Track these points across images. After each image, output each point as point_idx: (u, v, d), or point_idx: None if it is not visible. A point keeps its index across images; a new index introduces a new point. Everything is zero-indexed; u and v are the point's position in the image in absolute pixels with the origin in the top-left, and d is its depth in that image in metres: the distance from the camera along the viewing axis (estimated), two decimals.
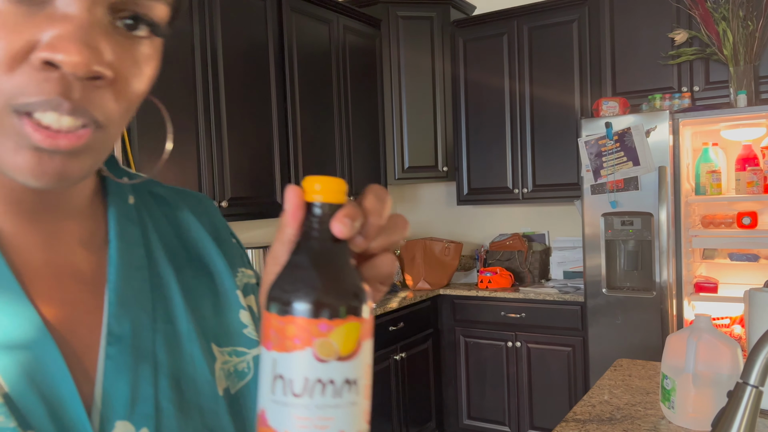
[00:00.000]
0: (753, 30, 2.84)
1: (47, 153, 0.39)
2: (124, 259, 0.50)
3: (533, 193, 3.60)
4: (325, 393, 0.37)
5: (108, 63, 0.39)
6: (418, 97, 3.75)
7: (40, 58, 0.37)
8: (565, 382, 3.29)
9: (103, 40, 0.39)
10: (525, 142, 3.60)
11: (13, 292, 0.43)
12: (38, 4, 0.37)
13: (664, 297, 2.90)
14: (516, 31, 3.59)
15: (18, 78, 0.37)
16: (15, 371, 0.41)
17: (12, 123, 0.38)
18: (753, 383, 0.76)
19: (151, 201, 0.57)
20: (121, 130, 0.44)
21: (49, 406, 0.42)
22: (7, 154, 0.39)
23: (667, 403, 1.35)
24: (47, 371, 0.42)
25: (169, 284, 0.52)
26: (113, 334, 0.46)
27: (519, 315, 3.39)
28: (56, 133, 0.38)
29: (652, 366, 1.80)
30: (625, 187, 2.96)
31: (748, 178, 2.87)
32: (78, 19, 0.38)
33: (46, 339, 0.43)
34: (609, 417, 1.42)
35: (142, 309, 0.49)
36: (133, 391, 0.46)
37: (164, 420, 0.46)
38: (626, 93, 3.22)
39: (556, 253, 3.71)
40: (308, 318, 0.37)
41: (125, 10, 0.40)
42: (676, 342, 1.35)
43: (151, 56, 0.44)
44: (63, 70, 0.37)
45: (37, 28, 0.37)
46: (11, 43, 0.37)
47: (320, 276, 0.38)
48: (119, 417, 0.44)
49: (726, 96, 2.99)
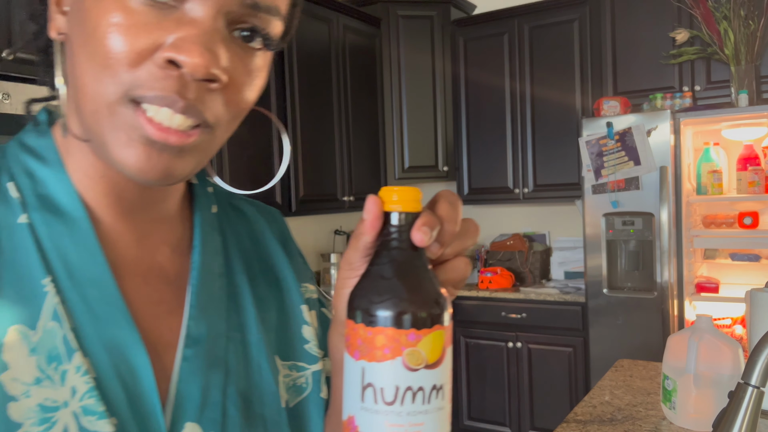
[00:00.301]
0: (754, 29, 2.83)
1: (157, 148, 0.41)
2: (205, 265, 0.52)
3: (534, 192, 3.59)
4: (415, 400, 0.39)
5: (224, 68, 0.41)
6: (419, 97, 3.74)
7: (164, 57, 0.39)
8: (565, 383, 3.28)
9: (222, 46, 0.41)
10: (526, 141, 3.59)
11: (108, 285, 0.46)
12: (168, 9, 0.40)
13: (665, 297, 2.89)
14: (517, 30, 3.59)
15: (139, 73, 0.40)
16: (104, 359, 0.44)
17: (127, 113, 0.41)
18: (754, 384, 0.75)
19: (231, 212, 0.60)
20: (227, 136, 0.46)
21: (130, 397, 0.44)
22: (118, 146, 0.41)
23: (668, 403, 1.35)
24: (132, 363, 0.45)
25: (243, 294, 0.54)
26: (191, 337, 0.49)
27: (520, 315, 3.38)
28: (167, 128, 0.41)
29: (653, 366, 1.79)
30: (626, 187, 2.95)
31: (749, 178, 2.86)
32: (202, 25, 0.40)
33: (133, 333, 0.45)
34: (610, 418, 1.41)
35: (218, 315, 0.51)
36: (204, 395, 0.48)
37: (230, 427, 0.48)
38: (627, 92, 3.21)
39: (556, 254, 3.70)
40: (397, 329, 0.38)
41: (245, 23, 0.43)
42: (677, 342, 1.35)
43: (262, 68, 0.46)
44: (182, 71, 0.40)
45: (164, 30, 0.40)
46: (140, 40, 0.39)
47: (406, 286, 0.39)
48: (189, 419, 0.46)
49: (727, 95, 2.98)
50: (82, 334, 0.44)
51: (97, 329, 0.44)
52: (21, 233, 0.45)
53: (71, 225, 0.46)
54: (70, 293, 0.45)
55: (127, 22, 0.40)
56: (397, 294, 0.39)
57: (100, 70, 0.40)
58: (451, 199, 0.43)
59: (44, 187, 0.47)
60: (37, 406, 0.41)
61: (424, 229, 0.39)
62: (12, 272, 0.44)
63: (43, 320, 0.43)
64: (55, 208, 0.47)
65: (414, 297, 0.39)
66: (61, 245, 0.46)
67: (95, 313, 0.45)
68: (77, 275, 0.45)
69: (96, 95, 0.41)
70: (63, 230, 0.46)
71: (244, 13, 0.43)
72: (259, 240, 0.60)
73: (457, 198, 0.44)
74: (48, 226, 0.46)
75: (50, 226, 0.46)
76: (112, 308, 0.45)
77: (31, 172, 0.48)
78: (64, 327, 0.43)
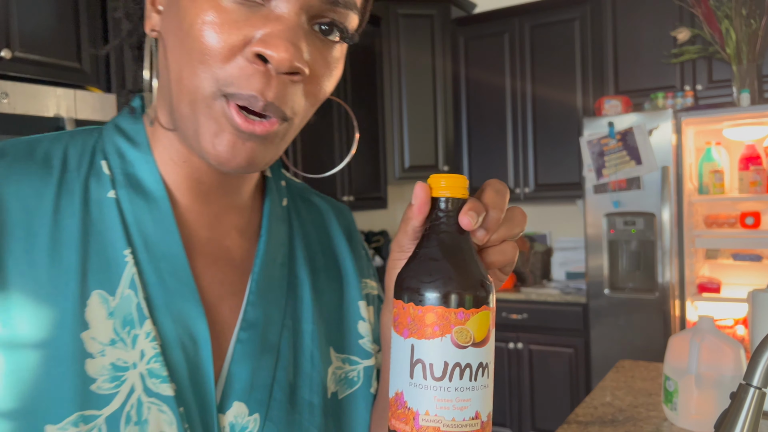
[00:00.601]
0: (756, 28, 2.82)
1: (243, 138, 0.45)
2: (269, 253, 0.56)
3: (535, 192, 3.58)
4: (463, 376, 0.40)
5: (306, 61, 0.45)
6: (419, 96, 3.74)
7: (253, 51, 0.43)
8: (567, 384, 3.27)
9: (304, 41, 0.45)
10: (526, 141, 3.58)
11: (180, 261, 0.50)
12: (256, 6, 0.44)
13: (666, 298, 2.88)
14: (517, 29, 3.58)
15: (231, 69, 0.44)
16: (170, 329, 0.48)
17: (220, 105, 0.45)
18: (756, 385, 0.74)
19: (302, 206, 0.64)
20: (303, 124, 0.50)
21: (190, 367, 0.48)
22: (208, 136, 0.45)
23: (670, 404, 1.34)
24: (194, 336, 0.49)
25: (303, 284, 0.57)
26: (247, 321, 0.52)
27: (520, 316, 3.37)
28: (252, 122, 0.45)
29: (655, 367, 1.79)
30: (627, 187, 2.94)
31: (751, 178, 2.84)
32: (287, 21, 0.44)
33: (198, 308, 0.49)
34: (611, 419, 1.40)
35: (275, 303, 0.54)
36: (253, 377, 0.51)
37: (275, 409, 0.51)
38: (628, 92, 3.20)
39: (557, 254, 3.69)
40: (447, 308, 0.40)
41: (324, 17, 0.46)
42: (678, 343, 1.34)
43: (339, 59, 0.50)
44: (269, 65, 0.44)
45: (253, 27, 0.44)
46: (231, 36, 0.43)
47: (455, 267, 0.41)
48: (237, 398, 0.50)
49: (729, 95, 2.97)
50: (153, 304, 0.48)
51: (167, 300, 0.49)
52: (108, 207, 0.50)
53: (152, 203, 0.51)
54: (146, 265, 0.49)
55: (219, 20, 0.44)
56: (447, 274, 0.41)
57: (196, 65, 0.44)
58: (498, 187, 0.45)
59: (132, 167, 0.52)
60: (110, 365, 0.46)
61: (471, 213, 0.42)
62: (98, 242, 0.48)
63: (121, 287, 0.48)
64: (140, 186, 0.51)
65: (462, 277, 0.41)
66: (142, 221, 0.50)
67: (166, 285, 0.49)
68: (153, 249, 0.50)
69: (193, 88, 0.45)
70: (144, 207, 0.50)
71: (324, 9, 0.46)
72: (327, 233, 0.63)
73: (504, 186, 0.46)
74: (132, 203, 0.50)
75: (134, 203, 0.50)
76: (181, 283, 0.50)
77: (122, 152, 0.52)
78: (138, 295, 0.48)
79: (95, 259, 0.48)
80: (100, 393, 0.45)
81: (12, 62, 1.87)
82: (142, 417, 0.45)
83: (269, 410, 0.51)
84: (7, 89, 1.81)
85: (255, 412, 0.50)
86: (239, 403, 0.50)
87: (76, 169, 0.51)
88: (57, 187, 0.49)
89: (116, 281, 0.48)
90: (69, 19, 2.06)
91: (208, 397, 0.49)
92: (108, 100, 2.11)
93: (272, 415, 0.51)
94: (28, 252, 0.46)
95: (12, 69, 1.87)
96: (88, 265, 0.47)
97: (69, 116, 1.96)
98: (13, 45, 1.88)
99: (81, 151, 0.52)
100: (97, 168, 0.51)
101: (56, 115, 1.94)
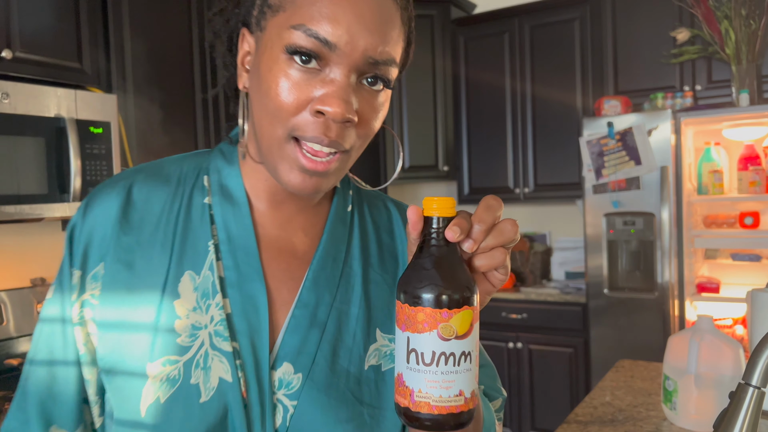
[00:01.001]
0: (755, 29, 2.82)
1: (309, 174, 0.60)
2: (327, 250, 0.70)
3: (534, 192, 3.59)
4: (447, 363, 0.51)
5: (355, 110, 0.59)
6: (419, 96, 3.74)
7: (314, 108, 0.58)
8: (566, 384, 3.27)
9: (354, 95, 0.59)
10: (526, 141, 3.59)
11: (252, 252, 0.66)
12: (315, 72, 0.58)
13: (666, 297, 2.89)
14: (517, 29, 3.58)
15: (299, 119, 0.59)
16: (237, 301, 0.64)
17: (290, 148, 0.60)
18: (755, 384, 0.75)
19: (371, 210, 0.77)
20: (358, 155, 0.65)
21: (250, 332, 0.63)
22: (283, 171, 0.61)
23: (669, 404, 1.34)
24: (256, 311, 0.64)
25: (356, 276, 0.71)
26: (301, 301, 0.66)
27: (520, 316, 3.37)
28: (316, 161, 0.59)
29: (654, 367, 1.79)
30: (627, 187, 2.95)
31: (750, 178, 2.85)
32: (339, 83, 0.58)
33: (261, 288, 0.65)
34: (611, 418, 1.41)
35: (328, 289, 0.68)
36: (302, 345, 0.65)
37: (316, 372, 0.65)
38: (628, 92, 3.21)
39: (557, 254, 3.69)
40: (433, 308, 0.51)
41: (369, 73, 0.60)
42: (678, 343, 1.34)
43: (384, 102, 0.63)
44: (327, 117, 0.58)
45: (313, 88, 0.58)
46: (299, 96, 0.58)
47: (441, 275, 0.51)
48: (286, 359, 0.64)
49: (728, 95, 2.98)
50: (227, 282, 0.64)
51: (239, 280, 0.65)
52: (203, 210, 0.67)
53: (236, 207, 0.67)
54: (226, 254, 0.65)
55: (288, 84, 0.58)
56: (434, 281, 0.51)
57: (272, 118, 0.59)
58: (489, 203, 0.56)
59: (225, 179, 0.69)
60: (191, 325, 0.63)
61: (454, 228, 0.53)
62: (192, 235, 0.66)
63: (204, 269, 0.64)
64: (228, 194, 0.68)
65: (447, 283, 0.51)
66: (227, 220, 0.67)
67: (240, 269, 0.65)
68: (234, 242, 0.66)
69: (270, 135, 0.61)
70: (230, 210, 0.67)
71: (369, 68, 0.59)
72: (390, 233, 0.77)
73: (496, 201, 0.56)
74: (221, 206, 0.67)
75: (223, 206, 0.67)
76: (251, 268, 0.65)
77: (219, 169, 0.70)
78: (214, 275, 0.64)
79: (189, 248, 0.65)
80: (182, 344, 0.62)
81: (13, 62, 1.87)
82: (207, 364, 0.62)
83: (311, 372, 0.64)
84: (7, 89, 1.81)
85: (299, 372, 0.64)
86: (287, 364, 0.64)
87: (186, 182, 0.69)
88: (172, 196, 0.68)
89: (201, 264, 0.65)
90: (70, 20, 2.06)
91: (263, 355, 0.63)
92: (108, 101, 2.11)
93: (313, 376, 0.64)
94: (150, 241, 0.65)
95: (13, 69, 1.88)
96: (184, 252, 0.65)
97: (70, 116, 1.96)
98: (13, 45, 1.88)
99: (192, 169, 0.70)
100: (200, 182, 0.69)
101: (57, 115, 1.94)
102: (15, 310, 2.10)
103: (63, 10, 2.04)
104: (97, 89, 2.14)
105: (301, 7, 0.58)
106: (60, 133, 1.94)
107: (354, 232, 0.73)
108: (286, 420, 0.63)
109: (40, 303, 2.17)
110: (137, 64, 2.30)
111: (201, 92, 2.56)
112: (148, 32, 2.34)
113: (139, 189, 0.67)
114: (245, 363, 0.62)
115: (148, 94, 2.34)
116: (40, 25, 1.96)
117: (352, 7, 0.58)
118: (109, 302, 0.64)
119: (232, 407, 0.61)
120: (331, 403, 0.65)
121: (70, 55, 2.06)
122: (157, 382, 0.61)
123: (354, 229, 0.74)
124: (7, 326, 2.07)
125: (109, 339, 0.64)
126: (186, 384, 0.61)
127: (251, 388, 0.62)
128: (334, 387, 0.65)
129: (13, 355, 2.05)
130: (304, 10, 0.58)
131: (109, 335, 0.64)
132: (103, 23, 2.19)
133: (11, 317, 2.09)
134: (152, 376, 0.61)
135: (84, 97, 2.03)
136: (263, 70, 0.60)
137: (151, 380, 0.61)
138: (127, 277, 0.64)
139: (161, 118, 2.41)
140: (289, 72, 0.58)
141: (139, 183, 0.68)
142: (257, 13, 0.62)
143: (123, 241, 0.65)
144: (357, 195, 0.77)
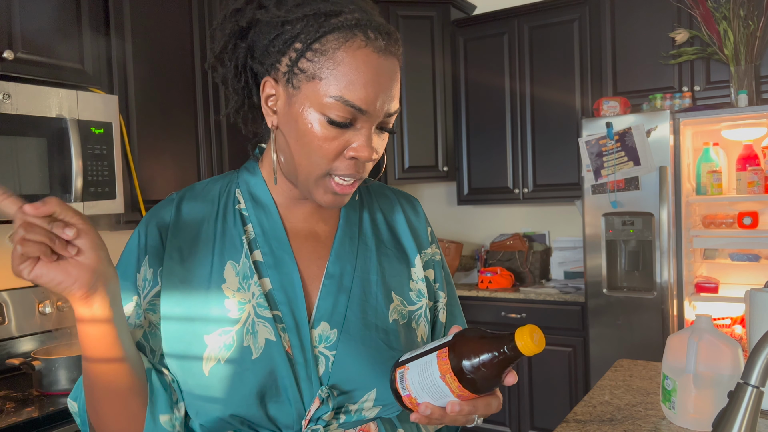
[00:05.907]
0: (754, 29, 2.83)
1: (339, 196, 0.81)
2: (344, 232, 0.90)
3: (534, 192, 3.60)
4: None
5: (376, 152, 0.79)
6: (418, 97, 3.74)
7: (349, 155, 0.78)
8: (565, 383, 3.28)
9: (374, 140, 0.79)
10: (525, 141, 3.59)
11: (283, 241, 0.86)
12: (346, 127, 0.76)
13: (664, 297, 2.89)
14: (516, 30, 3.59)
15: (336, 163, 0.78)
16: (276, 280, 0.83)
17: (326, 180, 0.80)
18: (754, 384, 0.75)
19: (373, 198, 0.97)
20: (367, 174, 0.83)
21: (289, 302, 0.82)
22: (318, 195, 0.81)
23: (668, 403, 1.35)
24: (292, 285, 0.83)
25: (371, 250, 0.90)
26: (329, 273, 0.86)
27: (519, 315, 3.38)
28: (344, 185, 0.80)
29: (653, 366, 1.80)
30: (625, 187, 2.95)
31: (748, 178, 2.86)
32: (366, 134, 0.77)
33: (294, 267, 0.84)
34: (610, 417, 1.41)
35: (349, 262, 0.87)
36: (334, 307, 0.83)
37: (350, 326, 0.83)
38: (627, 93, 3.22)
39: (556, 254, 3.70)
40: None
41: (385, 124, 0.80)
42: (676, 342, 1.35)
43: (386, 139, 0.82)
44: (358, 161, 0.78)
45: (347, 140, 0.77)
46: (337, 148, 0.77)
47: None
48: (323, 319, 0.82)
49: (727, 96, 2.98)
50: (265, 265, 0.84)
51: (275, 263, 0.84)
52: (236, 215, 0.87)
53: (266, 209, 0.87)
54: (262, 244, 0.85)
55: (327, 134, 0.76)
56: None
57: (312, 159, 0.78)
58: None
59: (253, 189, 0.89)
60: (237, 302, 0.81)
61: (515, 375, 0.73)
62: (229, 234, 0.85)
63: (242, 258, 0.83)
64: (258, 200, 0.88)
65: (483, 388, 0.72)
66: (260, 219, 0.86)
67: (275, 254, 0.84)
68: (267, 234, 0.85)
69: (309, 172, 0.79)
70: (261, 211, 0.87)
71: (385, 121, 0.79)
72: (393, 216, 0.96)
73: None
74: (254, 209, 0.87)
75: (255, 209, 0.87)
76: (284, 253, 0.85)
77: (247, 181, 0.90)
78: (249, 261, 0.83)
79: (228, 244, 0.84)
80: (232, 317, 0.80)
81: (14, 63, 1.88)
82: (255, 329, 0.79)
83: (344, 327, 0.82)
84: (9, 90, 1.82)
85: (334, 327, 0.82)
86: (324, 323, 0.82)
87: (221, 196, 0.89)
88: (210, 206, 0.87)
89: (239, 255, 0.83)
90: (71, 20, 2.06)
91: (302, 318, 0.81)
92: (110, 101, 2.11)
93: (346, 330, 0.82)
94: (194, 243, 0.84)
95: (14, 70, 1.88)
96: (224, 247, 0.84)
97: (71, 117, 1.97)
98: (15, 46, 1.88)
99: (225, 184, 0.90)
100: (233, 193, 0.89)
101: (58, 116, 1.94)
102: (16, 310, 2.11)
103: (64, 10, 2.04)
104: (98, 90, 2.14)
105: (337, 78, 0.74)
106: (61, 134, 1.95)
107: (364, 215, 0.93)
108: (328, 367, 0.80)
109: (41, 303, 2.17)
110: (138, 64, 2.30)
111: (202, 92, 2.57)
112: (150, 33, 2.35)
113: (186, 204, 0.87)
114: (287, 326, 0.80)
115: (149, 95, 2.34)
116: (41, 26, 1.96)
117: (376, 76, 0.76)
118: (168, 292, 0.81)
119: (277, 361, 0.78)
120: (365, 351, 0.81)
121: (72, 55, 2.06)
122: (216, 349, 0.78)
123: (363, 213, 0.94)
124: (8, 326, 2.08)
125: (170, 323, 0.80)
126: (240, 346, 0.78)
127: (294, 345, 0.80)
128: (366, 337, 0.82)
129: (15, 354, 2.06)
130: (339, 81, 0.74)
131: (170, 321, 0.80)
132: (105, 24, 2.20)
133: (12, 317, 2.09)
134: (211, 345, 0.78)
135: (85, 98, 2.03)
136: (301, 123, 0.76)
137: (210, 348, 0.78)
138: (181, 271, 0.82)
139: (162, 119, 2.41)
140: (328, 132, 0.76)
141: (186, 199, 0.88)
142: (286, 71, 0.77)
143: (174, 243, 0.84)
144: (364, 186, 0.97)
